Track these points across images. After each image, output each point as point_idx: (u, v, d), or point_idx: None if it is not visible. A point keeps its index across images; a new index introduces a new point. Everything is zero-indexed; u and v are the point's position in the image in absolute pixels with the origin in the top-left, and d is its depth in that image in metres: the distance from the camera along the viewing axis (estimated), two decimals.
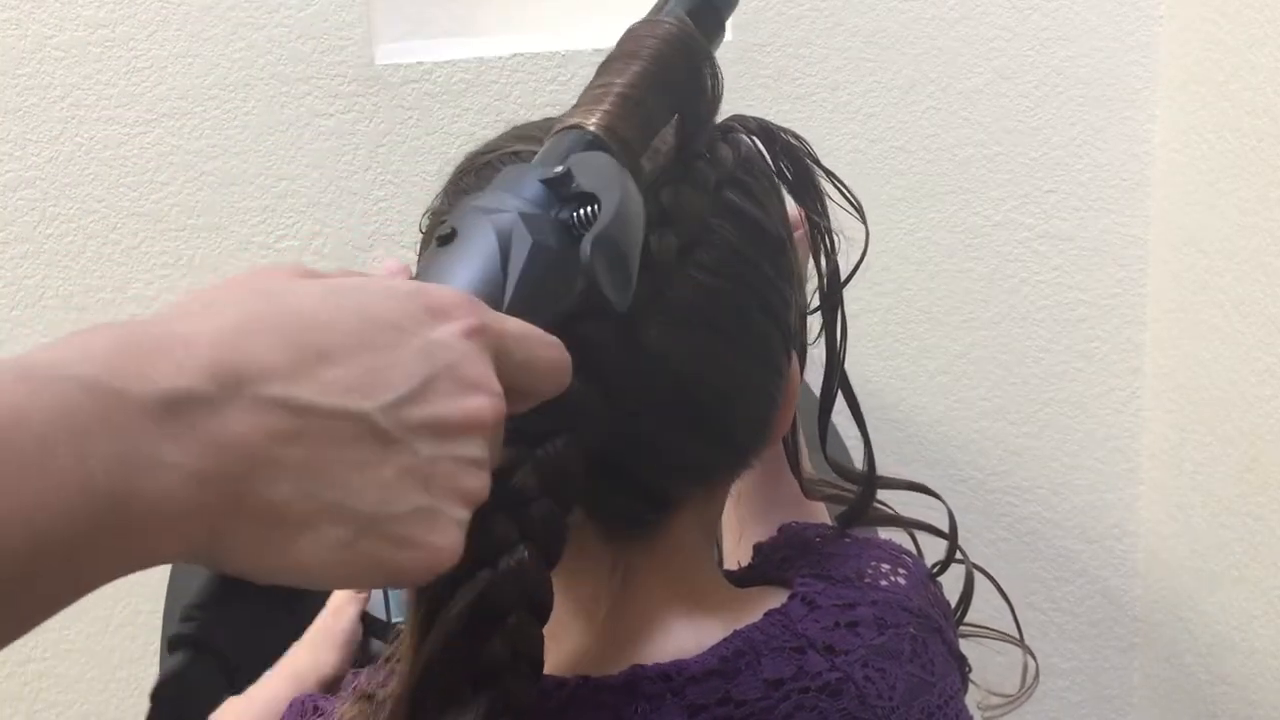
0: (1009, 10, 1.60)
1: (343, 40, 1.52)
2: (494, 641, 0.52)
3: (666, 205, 0.56)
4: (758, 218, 0.59)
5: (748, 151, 0.62)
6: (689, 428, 0.59)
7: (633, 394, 0.55)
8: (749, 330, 0.59)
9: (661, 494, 0.60)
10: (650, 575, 0.61)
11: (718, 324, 0.57)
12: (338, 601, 0.94)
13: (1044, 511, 1.77)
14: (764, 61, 1.58)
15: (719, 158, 0.60)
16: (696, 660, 0.59)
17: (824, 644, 0.62)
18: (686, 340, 0.57)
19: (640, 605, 0.61)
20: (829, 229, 0.66)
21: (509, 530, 0.52)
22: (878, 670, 0.62)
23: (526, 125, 0.64)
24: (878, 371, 1.69)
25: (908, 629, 0.65)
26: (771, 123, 0.64)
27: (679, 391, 0.58)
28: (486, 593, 0.51)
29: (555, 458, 0.52)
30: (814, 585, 0.65)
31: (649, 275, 0.55)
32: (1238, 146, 1.48)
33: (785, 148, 0.64)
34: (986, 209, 1.66)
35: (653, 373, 0.57)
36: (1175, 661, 1.71)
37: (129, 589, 1.64)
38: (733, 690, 0.59)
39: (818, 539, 0.71)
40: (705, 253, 0.57)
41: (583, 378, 0.52)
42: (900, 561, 0.70)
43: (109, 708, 1.68)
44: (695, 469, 0.61)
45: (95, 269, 1.54)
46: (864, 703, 0.61)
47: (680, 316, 0.57)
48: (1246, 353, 1.50)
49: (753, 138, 0.63)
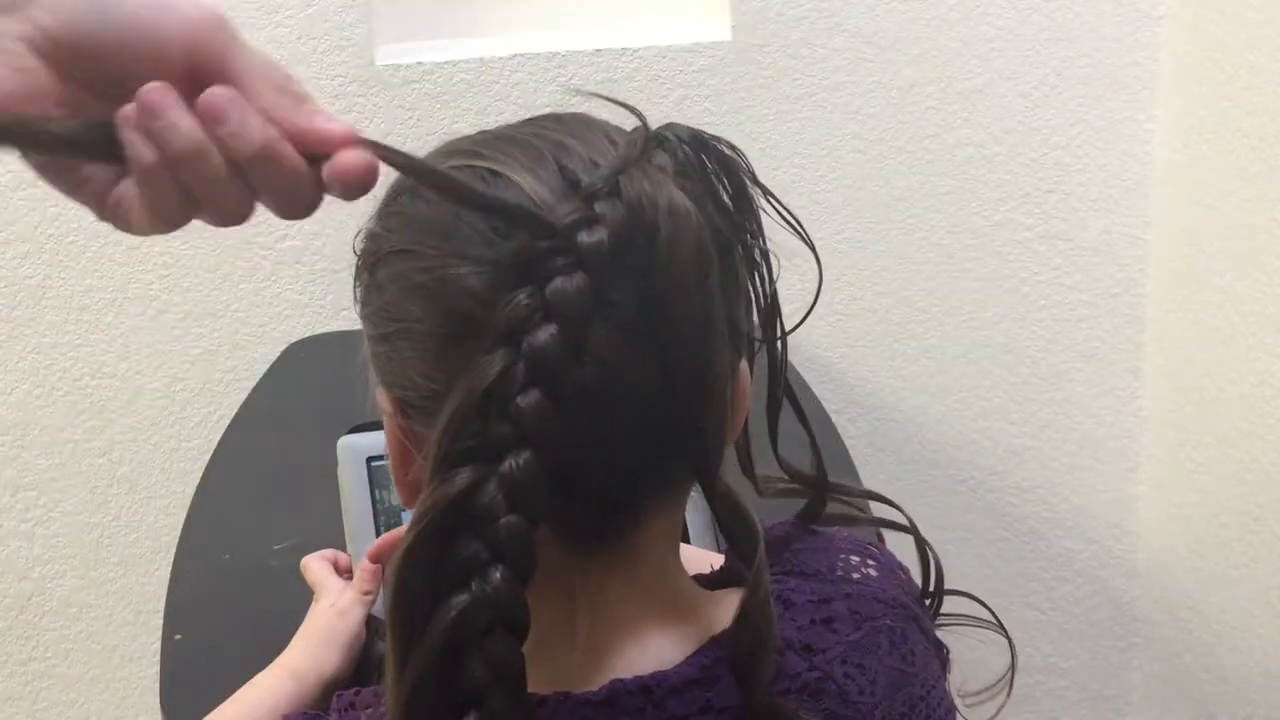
0: (1009, 10, 1.60)
1: (343, 40, 1.52)
2: (474, 664, 0.52)
3: (599, 212, 0.54)
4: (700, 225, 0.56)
5: (684, 158, 0.59)
6: (641, 437, 0.57)
7: (584, 404, 0.54)
8: (695, 332, 0.57)
9: (625, 504, 0.59)
10: (622, 587, 0.61)
11: (662, 333, 0.56)
12: (345, 603, 0.94)
13: (1044, 511, 1.77)
14: (764, 61, 1.58)
15: (656, 164, 0.57)
16: (676, 671, 0.59)
17: (801, 643, 0.62)
18: (632, 348, 0.55)
19: (615, 618, 0.61)
20: (765, 249, 0.63)
21: (479, 551, 0.52)
22: (857, 666, 0.62)
23: (456, 139, 0.62)
24: (877, 371, 1.69)
25: (884, 621, 0.65)
26: (705, 133, 0.61)
27: (629, 401, 0.56)
28: (462, 617, 0.51)
29: (519, 472, 0.52)
30: (786, 582, 0.65)
31: (592, 278, 0.53)
32: (1238, 146, 1.48)
33: (720, 159, 0.61)
34: (986, 209, 1.66)
35: (603, 382, 0.55)
36: (1175, 661, 1.71)
37: (130, 589, 1.64)
38: (713, 699, 0.59)
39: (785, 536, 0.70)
40: (651, 255, 0.55)
41: (538, 390, 0.52)
42: (868, 553, 0.69)
43: (110, 707, 1.68)
44: (654, 477, 0.60)
45: (96, 269, 1.54)
46: (846, 700, 0.61)
47: (624, 323, 0.55)
48: (1246, 353, 1.50)
49: (684, 147, 0.60)
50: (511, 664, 0.52)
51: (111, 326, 1.57)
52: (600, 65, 1.55)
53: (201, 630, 1.06)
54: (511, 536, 0.52)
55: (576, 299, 0.53)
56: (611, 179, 0.55)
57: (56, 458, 1.60)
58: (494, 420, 0.52)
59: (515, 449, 0.52)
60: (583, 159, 0.58)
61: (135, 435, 1.61)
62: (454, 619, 0.51)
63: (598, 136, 0.60)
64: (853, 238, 1.64)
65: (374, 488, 1.01)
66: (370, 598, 0.95)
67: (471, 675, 0.52)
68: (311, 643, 0.91)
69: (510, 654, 0.52)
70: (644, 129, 0.58)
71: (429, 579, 0.52)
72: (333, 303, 1.58)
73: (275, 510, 1.19)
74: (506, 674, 0.52)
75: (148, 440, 1.61)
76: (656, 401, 0.56)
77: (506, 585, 0.52)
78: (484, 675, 0.52)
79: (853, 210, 1.64)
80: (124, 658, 1.67)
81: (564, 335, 0.53)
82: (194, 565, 1.14)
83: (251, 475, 1.27)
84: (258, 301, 1.58)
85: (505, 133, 0.61)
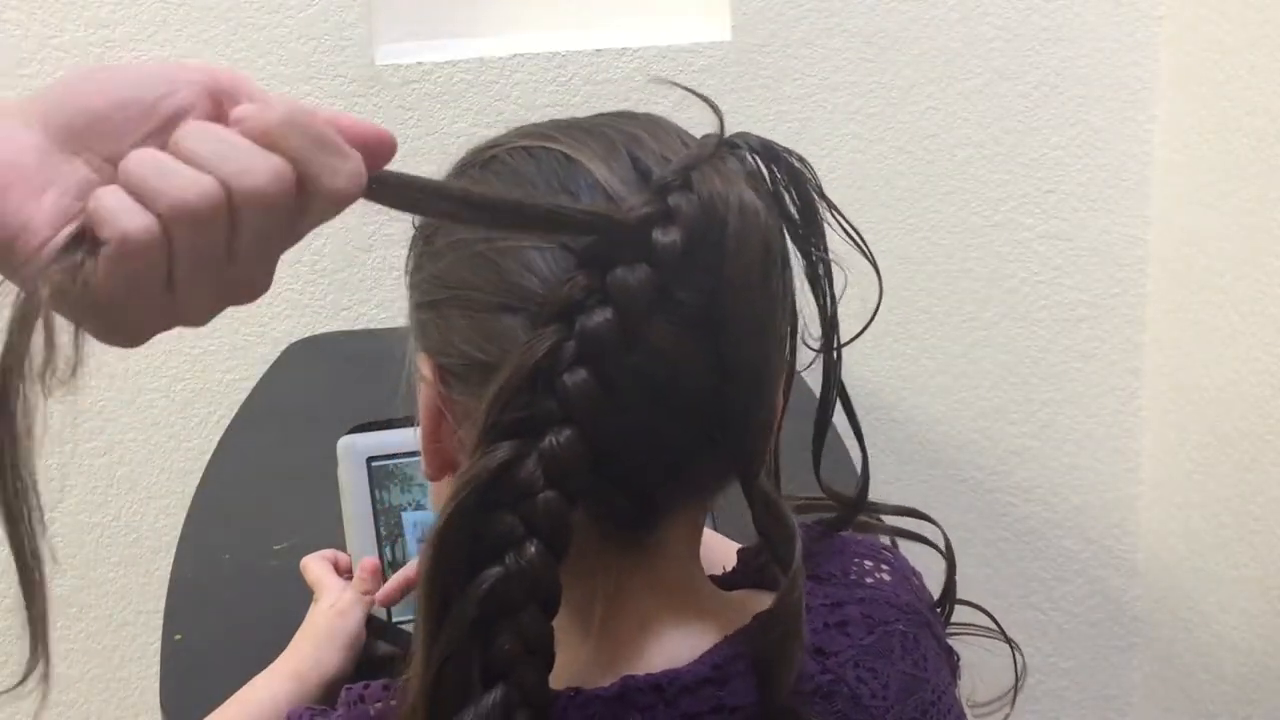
0: (1009, 10, 1.60)
1: (343, 40, 1.52)
2: (504, 637, 0.52)
3: (674, 205, 0.55)
4: (769, 226, 0.57)
5: (753, 166, 0.60)
6: (687, 432, 0.58)
7: (633, 391, 0.55)
8: (752, 341, 0.57)
9: (656, 497, 0.59)
10: (641, 583, 0.61)
11: (722, 331, 0.56)
12: (345, 603, 0.94)
13: (1044, 511, 1.77)
14: (764, 62, 1.58)
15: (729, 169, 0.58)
16: (688, 669, 0.59)
17: (814, 646, 0.62)
18: (691, 343, 0.56)
19: (630, 614, 0.61)
20: (828, 262, 0.64)
21: (515, 526, 0.52)
22: (869, 670, 0.62)
23: (530, 125, 0.63)
24: (878, 371, 1.69)
25: (897, 626, 0.65)
26: (776, 144, 0.62)
27: (680, 394, 0.56)
28: (495, 590, 0.52)
29: (560, 449, 0.52)
30: None
31: (658, 273, 0.54)
32: (1238, 146, 1.48)
33: (789, 171, 0.62)
34: (986, 209, 1.66)
35: (655, 373, 0.55)
36: (1175, 661, 1.71)
37: (129, 589, 1.64)
38: (725, 698, 0.59)
39: None
40: (718, 252, 0.55)
41: (586, 370, 0.52)
42: (881, 557, 0.69)
43: (110, 707, 1.68)
44: (689, 474, 0.60)
45: None
46: (858, 704, 0.61)
47: (687, 318, 0.55)
48: (1246, 353, 1.50)
49: (755, 155, 0.61)
50: (542, 638, 0.52)
51: None
52: (600, 65, 1.55)
53: (201, 630, 1.06)
54: (549, 512, 0.52)
55: (637, 290, 0.53)
56: (684, 173, 0.55)
57: (56, 458, 1.60)
58: (540, 396, 0.53)
59: (558, 426, 0.52)
60: (655, 153, 0.58)
61: (135, 435, 1.61)
62: (487, 591, 0.51)
63: (670, 135, 0.60)
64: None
65: (374, 488, 1.01)
66: (370, 598, 0.95)
67: (501, 648, 0.52)
68: (312, 643, 0.91)
69: (541, 628, 0.52)
70: (718, 132, 0.59)
71: (465, 550, 0.52)
72: (333, 303, 1.58)
73: (275, 510, 1.19)
74: (537, 648, 0.52)
75: (148, 440, 1.61)
76: (707, 397, 0.57)
77: (541, 560, 0.52)
78: (515, 648, 0.52)
79: (853, 210, 1.62)
80: (124, 658, 1.67)
81: (620, 322, 0.53)
82: (194, 565, 1.14)
83: (251, 475, 1.27)
84: (257, 301, 1.58)
85: (579, 122, 0.62)
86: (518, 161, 0.60)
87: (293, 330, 1.58)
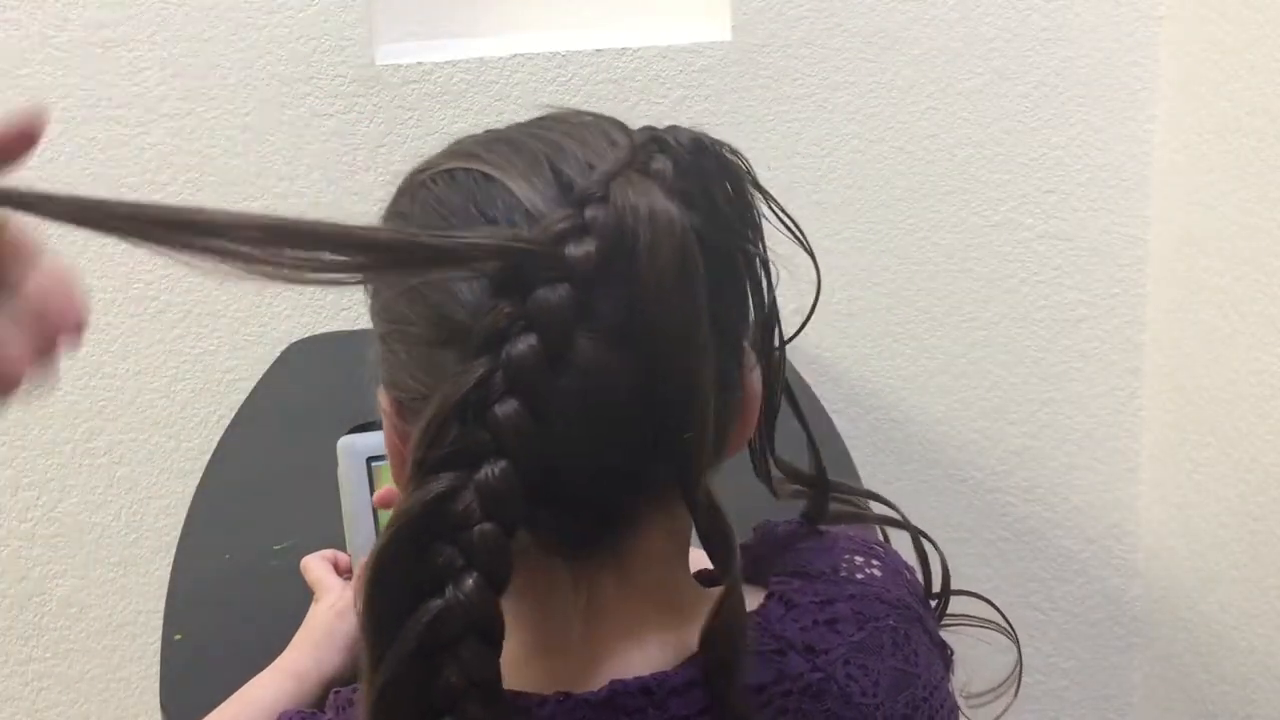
0: (1009, 10, 1.60)
1: (343, 40, 1.52)
2: (447, 670, 0.52)
3: (589, 218, 0.53)
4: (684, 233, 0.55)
5: (685, 163, 0.58)
6: (625, 446, 0.56)
7: (565, 412, 0.54)
8: (676, 350, 0.55)
9: (612, 510, 0.58)
10: (620, 590, 0.60)
11: (645, 335, 0.55)
12: (344, 603, 0.93)
13: (1044, 511, 1.77)
14: (764, 61, 1.58)
15: (654, 169, 0.56)
16: (676, 671, 0.59)
17: (804, 644, 0.62)
18: (616, 356, 0.55)
19: (614, 620, 0.60)
20: (764, 257, 0.62)
21: (453, 557, 0.52)
22: (860, 668, 0.62)
23: (465, 139, 0.62)
24: (878, 371, 1.69)
25: (887, 621, 0.65)
26: (706, 136, 0.59)
27: (612, 409, 0.55)
28: (434, 624, 0.51)
29: (495, 480, 0.52)
30: (790, 583, 0.65)
31: (577, 289, 0.53)
32: (1238, 146, 1.48)
33: (721, 164, 0.60)
34: (986, 209, 1.66)
35: (585, 391, 0.54)
36: (1175, 661, 1.71)
37: (130, 589, 1.64)
38: None
39: (789, 535, 0.70)
40: (632, 263, 0.53)
41: (516, 400, 0.52)
42: (872, 552, 0.69)
43: (110, 707, 1.68)
44: (639, 482, 0.58)
45: (96, 269, 1.54)
46: (848, 702, 0.61)
47: (609, 331, 0.54)
48: (1246, 353, 1.50)
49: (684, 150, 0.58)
50: (485, 671, 0.52)
51: (111, 326, 1.57)
52: (600, 65, 1.55)
53: (201, 630, 1.06)
54: (486, 544, 0.52)
55: (559, 309, 0.53)
56: (604, 184, 0.54)
57: (56, 458, 1.60)
58: (471, 428, 0.52)
59: (492, 458, 0.52)
60: (579, 162, 0.57)
61: (135, 435, 1.61)
62: (427, 624, 0.51)
63: (598, 137, 0.59)
64: (852, 238, 1.64)
65: (374, 488, 1.01)
66: None
67: (446, 681, 0.52)
68: (312, 643, 0.91)
69: (483, 661, 0.52)
70: (643, 130, 0.58)
71: (404, 582, 0.52)
72: (333, 303, 1.58)
73: (275, 510, 1.19)
74: (480, 680, 0.52)
75: (148, 440, 1.61)
76: (638, 410, 0.56)
77: (479, 593, 0.51)
78: (458, 681, 0.52)
79: (853, 210, 1.64)
80: (124, 658, 1.67)
81: (544, 345, 0.52)
82: (194, 565, 1.14)
83: (251, 475, 1.27)
84: (258, 301, 1.58)
85: (505, 134, 0.61)
86: (440, 187, 0.59)
87: (293, 330, 1.58)
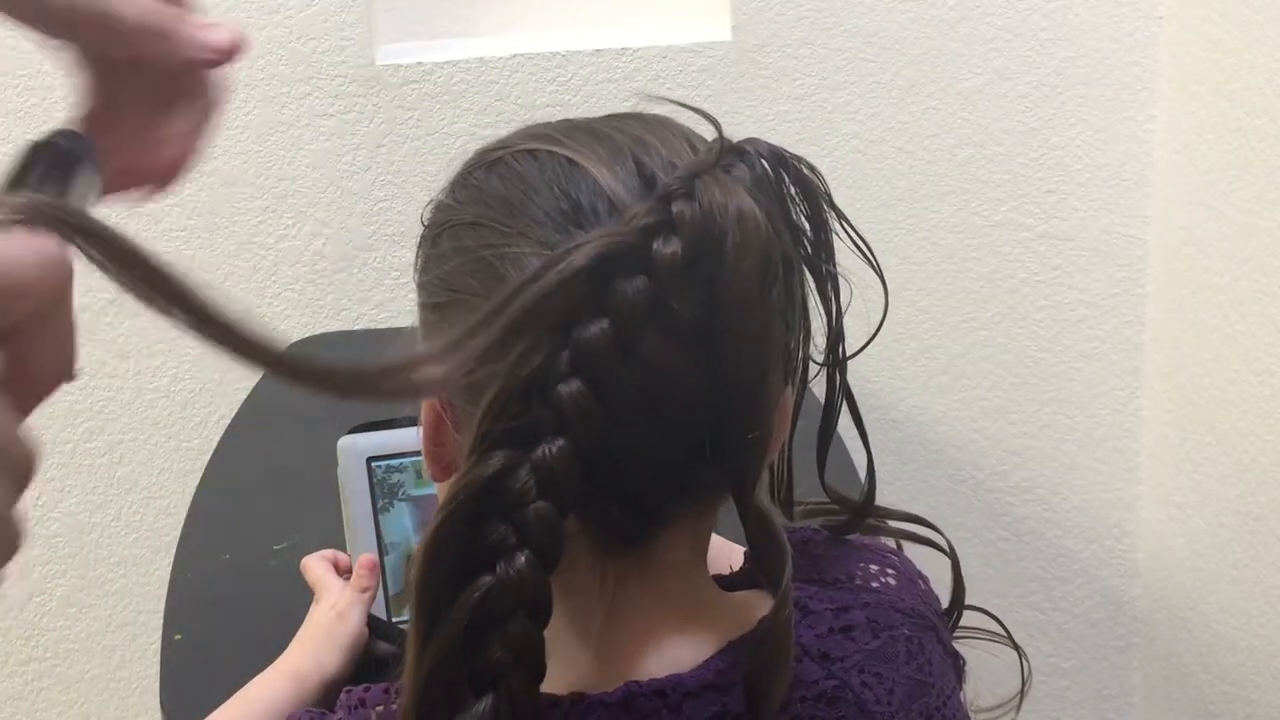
0: (1009, 10, 1.60)
1: (343, 40, 1.52)
2: (494, 646, 0.52)
3: (677, 214, 0.54)
4: (769, 238, 0.56)
5: (760, 173, 0.59)
6: (681, 443, 0.57)
7: (627, 402, 0.54)
8: (748, 354, 0.56)
9: (652, 508, 0.59)
10: (641, 590, 0.60)
11: (718, 343, 0.55)
12: (344, 604, 0.93)
13: (1044, 511, 1.77)
14: (764, 61, 1.58)
15: (734, 175, 0.57)
16: (692, 675, 0.59)
17: (819, 651, 0.62)
18: (686, 355, 0.55)
19: (633, 620, 0.60)
20: (835, 274, 0.63)
21: (507, 534, 0.52)
22: (874, 675, 0.62)
23: (538, 124, 0.62)
24: (878, 371, 1.69)
25: (902, 630, 0.65)
26: (787, 151, 0.61)
27: (674, 406, 0.56)
28: (486, 598, 0.52)
29: (553, 459, 0.52)
30: (806, 589, 0.65)
31: (656, 284, 0.53)
32: (1238, 146, 1.48)
33: (799, 179, 0.61)
34: (986, 209, 1.66)
35: (650, 384, 0.55)
36: (1175, 661, 1.71)
37: (129, 589, 1.64)
38: (729, 703, 0.59)
39: (807, 542, 0.70)
40: (718, 264, 0.55)
41: (580, 381, 0.52)
42: (888, 561, 0.69)
43: (109, 707, 1.68)
44: (685, 485, 0.59)
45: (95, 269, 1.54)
46: (863, 710, 0.61)
47: (683, 330, 0.55)
48: (1246, 353, 1.50)
49: (763, 162, 0.60)
50: (532, 647, 0.52)
51: (111, 326, 1.57)
52: (600, 65, 1.55)
53: (201, 630, 1.06)
54: (540, 522, 0.52)
55: (634, 301, 0.53)
56: (688, 181, 0.55)
57: (56, 458, 1.60)
58: (535, 405, 0.52)
59: (551, 436, 0.52)
60: (661, 158, 0.58)
61: (135, 435, 1.61)
62: (478, 600, 0.52)
63: (678, 140, 0.60)
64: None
65: (374, 488, 1.01)
66: (369, 594, 0.95)
67: (491, 657, 0.52)
68: (312, 644, 0.91)
69: (531, 637, 0.52)
70: (726, 137, 0.58)
71: (456, 558, 0.52)
72: (333, 303, 1.58)
73: (275, 510, 1.19)
74: (526, 657, 0.52)
75: (148, 440, 1.61)
76: (702, 410, 0.56)
77: (531, 570, 0.52)
78: (504, 658, 0.52)
79: (853, 210, 1.61)
80: (124, 658, 1.67)
81: (616, 333, 0.53)
82: (194, 565, 1.14)
83: (251, 475, 1.27)
84: (258, 301, 1.58)
85: (587, 123, 0.61)
86: (521, 164, 0.59)
87: (293, 330, 1.58)
